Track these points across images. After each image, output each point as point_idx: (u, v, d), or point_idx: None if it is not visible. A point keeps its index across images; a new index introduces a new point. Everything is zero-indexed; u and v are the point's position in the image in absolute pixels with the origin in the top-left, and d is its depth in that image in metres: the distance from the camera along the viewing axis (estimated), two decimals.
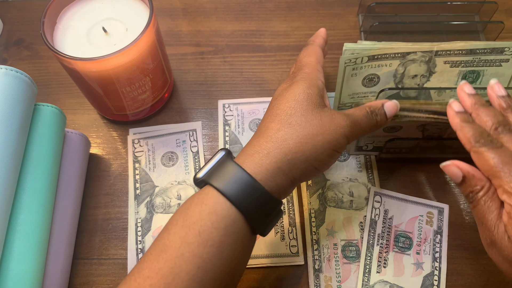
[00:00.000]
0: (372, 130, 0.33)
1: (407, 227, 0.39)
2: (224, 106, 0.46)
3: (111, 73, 0.37)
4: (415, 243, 0.38)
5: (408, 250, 0.38)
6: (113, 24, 0.39)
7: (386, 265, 0.37)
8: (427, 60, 0.39)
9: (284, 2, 0.54)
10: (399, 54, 0.38)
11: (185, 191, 0.41)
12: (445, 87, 0.37)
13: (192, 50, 0.51)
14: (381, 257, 0.37)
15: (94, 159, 0.44)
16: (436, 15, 0.52)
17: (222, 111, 0.46)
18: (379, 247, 0.38)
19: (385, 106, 0.34)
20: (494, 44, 0.37)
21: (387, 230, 0.38)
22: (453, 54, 0.38)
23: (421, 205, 0.40)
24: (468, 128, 0.30)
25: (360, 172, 0.42)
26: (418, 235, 0.38)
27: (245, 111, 0.46)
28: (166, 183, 0.42)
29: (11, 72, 0.33)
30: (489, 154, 0.28)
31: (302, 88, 0.32)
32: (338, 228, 0.39)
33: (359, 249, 0.38)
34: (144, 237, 0.39)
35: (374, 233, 0.38)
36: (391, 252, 0.38)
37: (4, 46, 0.51)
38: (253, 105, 0.46)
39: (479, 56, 0.38)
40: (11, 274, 0.30)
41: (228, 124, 0.45)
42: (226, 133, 0.44)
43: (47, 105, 0.37)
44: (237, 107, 0.46)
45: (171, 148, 0.44)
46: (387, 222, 0.39)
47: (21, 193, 0.32)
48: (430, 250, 0.38)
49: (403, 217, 0.39)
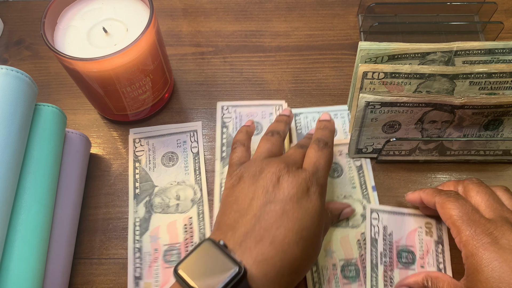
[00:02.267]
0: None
1: (408, 241, 0.38)
2: (223, 108, 0.46)
3: (112, 73, 0.37)
4: (418, 256, 0.37)
5: (412, 265, 0.37)
6: (114, 24, 0.39)
7: (393, 283, 0.36)
8: (446, 60, 0.39)
9: (284, 3, 0.54)
10: (419, 54, 0.39)
11: (184, 192, 0.41)
12: (460, 139, 0.39)
13: (192, 50, 0.51)
14: (386, 275, 0.37)
15: (94, 159, 0.44)
16: (435, 15, 0.52)
17: (221, 113, 0.46)
18: (383, 265, 0.37)
19: (343, 213, 0.38)
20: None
21: (388, 247, 0.38)
22: (472, 53, 0.39)
23: (418, 216, 0.39)
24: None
25: (354, 188, 0.41)
26: (419, 247, 0.38)
27: (244, 114, 0.46)
28: (165, 183, 0.42)
29: (11, 72, 0.33)
30: (450, 205, 0.32)
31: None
32: (335, 248, 0.38)
33: (358, 268, 0.37)
34: (142, 237, 0.39)
35: (377, 252, 0.37)
36: (396, 269, 0.37)
37: (4, 46, 0.51)
38: (252, 108, 0.46)
39: (498, 56, 0.39)
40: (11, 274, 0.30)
41: (226, 126, 0.45)
42: (224, 135, 0.44)
43: (48, 105, 0.37)
44: (236, 109, 0.46)
45: (172, 148, 0.44)
46: (387, 238, 0.38)
47: (21, 193, 0.33)
48: (434, 262, 0.37)
49: (402, 231, 0.38)
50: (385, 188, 0.42)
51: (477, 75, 0.38)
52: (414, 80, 0.38)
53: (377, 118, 0.38)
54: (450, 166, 0.43)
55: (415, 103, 0.37)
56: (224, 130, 0.45)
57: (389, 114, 0.38)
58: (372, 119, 0.38)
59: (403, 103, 0.37)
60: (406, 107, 0.37)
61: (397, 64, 0.38)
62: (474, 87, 0.39)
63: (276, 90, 0.48)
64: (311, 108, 0.46)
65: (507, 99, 0.36)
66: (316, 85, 0.48)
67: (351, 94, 0.44)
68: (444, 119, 0.38)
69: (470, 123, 0.39)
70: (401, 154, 0.42)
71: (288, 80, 0.49)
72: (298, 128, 0.45)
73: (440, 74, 0.38)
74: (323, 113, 0.40)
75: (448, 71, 0.38)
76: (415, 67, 0.38)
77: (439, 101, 0.37)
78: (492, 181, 0.42)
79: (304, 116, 0.45)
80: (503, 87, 0.39)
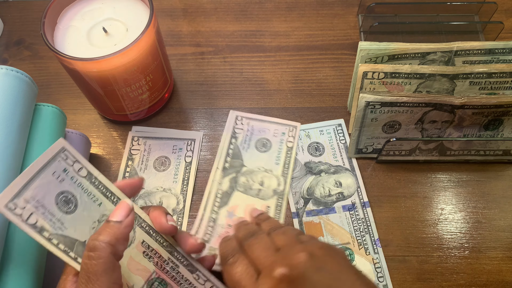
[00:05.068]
0: None
1: None
2: (237, 118, 0.45)
3: (112, 73, 0.37)
4: None
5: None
6: (114, 24, 0.39)
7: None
8: (446, 60, 0.39)
9: (284, 3, 0.54)
10: (419, 54, 0.39)
11: (168, 199, 0.41)
12: (455, 138, 0.38)
13: (192, 50, 0.51)
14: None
15: (94, 159, 0.44)
16: (436, 15, 0.52)
17: (233, 123, 0.45)
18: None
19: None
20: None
21: None
22: (472, 53, 0.39)
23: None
24: (223, 244, 0.31)
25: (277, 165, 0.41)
26: None
27: (256, 128, 0.45)
28: (151, 187, 0.42)
29: (11, 72, 0.33)
30: (233, 268, 0.28)
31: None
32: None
33: None
34: None
35: None
36: None
37: (4, 46, 0.51)
38: (265, 124, 0.45)
39: (498, 56, 0.39)
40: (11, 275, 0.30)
41: (236, 137, 0.44)
42: (231, 146, 0.43)
43: (48, 105, 0.37)
44: (249, 122, 0.45)
45: (166, 153, 0.43)
46: None
47: None
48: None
49: None
50: (385, 188, 0.42)
51: (477, 75, 0.38)
52: (414, 80, 0.38)
53: (377, 118, 0.38)
54: (450, 166, 0.43)
55: (415, 103, 0.37)
56: (233, 141, 0.44)
57: (389, 114, 0.38)
58: (372, 119, 0.38)
59: (403, 103, 0.37)
60: (406, 107, 0.37)
61: (397, 64, 0.38)
62: (474, 87, 0.39)
63: (276, 90, 0.48)
64: (310, 124, 0.45)
65: (507, 99, 0.36)
66: (316, 85, 0.48)
67: (351, 94, 0.44)
68: (444, 119, 0.38)
69: (470, 123, 0.39)
70: (401, 154, 0.42)
71: (288, 80, 0.49)
72: (299, 143, 0.44)
73: (440, 74, 0.38)
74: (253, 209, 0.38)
75: (448, 71, 0.38)
76: (415, 67, 0.38)
77: (439, 101, 0.37)
78: (492, 181, 0.42)
79: (304, 133, 0.45)
80: (503, 87, 0.39)
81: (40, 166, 0.26)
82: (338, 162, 0.43)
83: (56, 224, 0.26)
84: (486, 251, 0.39)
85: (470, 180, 0.42)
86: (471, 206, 0.41)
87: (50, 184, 0.26)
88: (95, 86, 0.38)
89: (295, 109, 0.47)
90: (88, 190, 0.28)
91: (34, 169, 0.26)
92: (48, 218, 0.25)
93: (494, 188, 0.42)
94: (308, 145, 0.44)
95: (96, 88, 0.39)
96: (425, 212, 0.41)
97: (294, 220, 0.40)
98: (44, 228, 0.25)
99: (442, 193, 0.41)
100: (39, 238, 0.25)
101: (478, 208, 0.41)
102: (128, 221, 0.27)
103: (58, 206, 0.26)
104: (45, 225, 0.25)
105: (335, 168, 0.43)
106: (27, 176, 0.25)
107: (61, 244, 0.25)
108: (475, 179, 0.42)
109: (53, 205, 0.26)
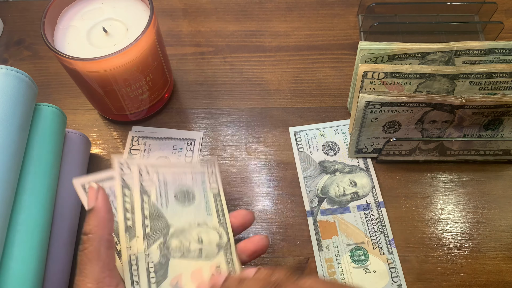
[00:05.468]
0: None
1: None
2: (141, 170, 0.33)
3: (112, 73, 0.37)
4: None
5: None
6: (114, 24, 0.39)
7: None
8: (446, 60, 0.39)
9: (284, 3, 0.54)
10: (419, 54, 0.39)
11: None
12: (454, 138, 0.38)
13: (192, 50, 0.51)
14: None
15: (94, 159, 0.44)
16: (436, 15, 0.52)
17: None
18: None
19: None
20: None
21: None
22: (472, 53, 0.39)
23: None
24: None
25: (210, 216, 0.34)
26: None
27: (168, 177, 0.35)
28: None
29: (11, 72, 0.33)
30: None
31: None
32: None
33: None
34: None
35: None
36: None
37: (4, 46, 0.51)
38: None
39: (498, 56, 0.39)
40: (11, 274, 0.30)
41: (147, 192, 0.33)
42: (145, 205, 0.31)
43: (48, 105, 0.37)
44: (157, 170, 0.34)
45: (166, 153, 0.43)
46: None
47: (21, 193, 0.33)
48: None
49: None
50: (385, 188, 0.42)
51: (477, 75, 0.38)
52: (414, 80, 0.38)
53: (377, 118, 0.38)
54: (450, 166, 0.43)
55: (415, 103, 0.37)
56: (145, 199, 0.33)
57: (389, 114, 0.38)
58: (372, 119, 0.38)
59: (403, 103, 0.37)
60: (406, 107, 0.37)
61: (397, 64, 0.38)
62: (474, 87, 0.39)
63: (276, 90, 0.48)
64: (311, 125, 0.46)
65: (507, 99, 0.36)
66: (316, 85, 0.48)
67: (351, 94, 0.44)
68: (444, 119, 0.38)
69: (470, 123, 0.39)
70: (401, 154, 0.42)
71: (288, 80, 0.49)
72: (300, 146, 0.44)
73: (440, 74, 0.38)
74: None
75: (448, 71, 0.38)
76: (415, 67, 0.38)
77: (439, 101, 0.37)
78: (492, 181, 0.42)
79: (304, 134, 0.45)
80: (503, 87, 0.39)
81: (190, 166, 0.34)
82: (353, 162, 0.43)
83: (162, 201, 0.31)
84: (486, 251, 0.39)
85: (470, 180, 0.42)
86: (471, 206, 0.41)
87: (184, 175, 0.34)
88: (95, 86, 0.38)
89: (295, 109, 0.47)
90: (208, 200, 0.34)
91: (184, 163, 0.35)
92: (159, 192, 0.32)
93: (494, 188, 0.42)
94: (323, 144, 0.44)
95: (96, 88, 0.39)
96: (425, 212, 0.41)
97: (308, 219, 0.40)
98: (149, 194, 0.31)
99: (442, 193, 0.42)
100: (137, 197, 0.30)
101: (478, 208, 0.41)
102: (100, 204, 0.27)
103: (175, 194, 0.33)
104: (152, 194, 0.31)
105: (350, 168, 0.43)
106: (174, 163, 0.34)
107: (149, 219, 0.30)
108: (475, 179, 0.42)
109: (172, 189, 0.33)
